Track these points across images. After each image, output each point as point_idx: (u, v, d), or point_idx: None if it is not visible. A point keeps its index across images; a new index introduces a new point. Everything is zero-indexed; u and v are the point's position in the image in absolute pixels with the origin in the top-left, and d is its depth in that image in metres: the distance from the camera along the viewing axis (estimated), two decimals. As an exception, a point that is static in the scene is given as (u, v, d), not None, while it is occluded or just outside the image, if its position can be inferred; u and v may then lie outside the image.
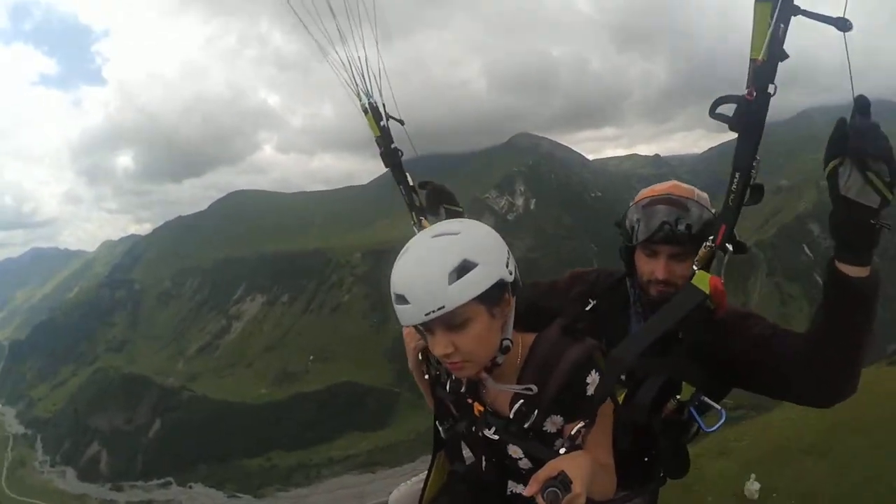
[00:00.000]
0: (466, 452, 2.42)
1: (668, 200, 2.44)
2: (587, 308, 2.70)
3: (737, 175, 1.93)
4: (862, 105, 1.69)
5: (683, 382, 2.30)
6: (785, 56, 1.72)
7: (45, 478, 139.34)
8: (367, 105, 3.00)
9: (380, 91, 2.96)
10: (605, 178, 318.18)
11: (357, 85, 2.95)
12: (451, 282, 1.79)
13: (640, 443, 2.42)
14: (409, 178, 3.03)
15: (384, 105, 3.01)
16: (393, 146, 3.03)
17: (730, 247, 2.06)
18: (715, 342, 2.30)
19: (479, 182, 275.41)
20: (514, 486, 2.25)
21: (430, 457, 2.58)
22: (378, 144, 3.04)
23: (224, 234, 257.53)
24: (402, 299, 1.85)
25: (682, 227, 2.36)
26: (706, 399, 2.27)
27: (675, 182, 2.55)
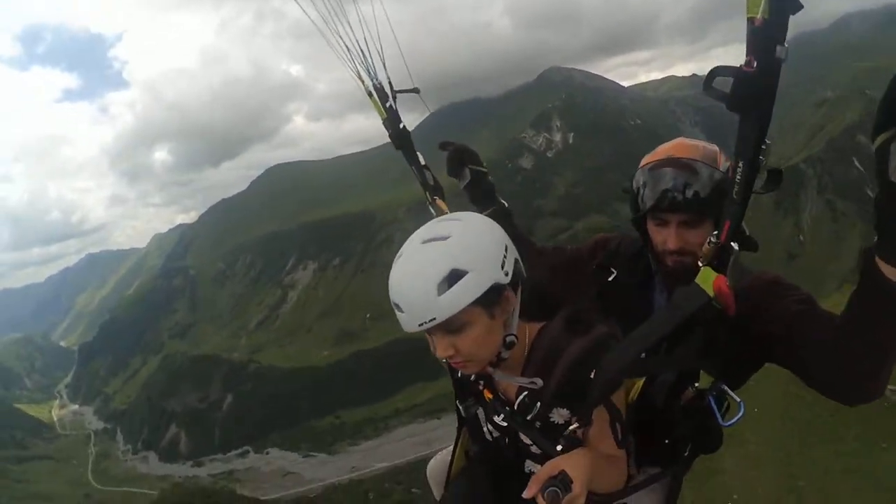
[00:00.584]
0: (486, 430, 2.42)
1: (671, 162, 2.26)
2: (609, 279, 2.56)
3: (740, 164, 1.68)
4: None
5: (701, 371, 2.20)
6: (798, 7, 1.44)
7: (128, 465, 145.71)
8: (371, 87, 2.85)
9: (384, 65, 2.76)
10: (643, 104, 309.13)
11: (358, 67, 2.77)
12: (440, 293, 1.77)
13: (661, 425, 2.32)
14: (421, 158, 2.88)
15: (390, 82, 2.83)
16: (402, 126, 2.88)
17: (735, 245, 1.85)
18: (749, 318, 2.08)
19: (515, 122, 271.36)
20: (531, 466, 2.22)
21: None
22: (385, 127, 2.89)
23: (268, 210, 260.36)
24: (398, 307, 1.86)
25: (689, 193, 2.20)
26: (726, 389, 2.14)
27: (680, 140, 2.35)
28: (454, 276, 1.78)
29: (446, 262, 1.80)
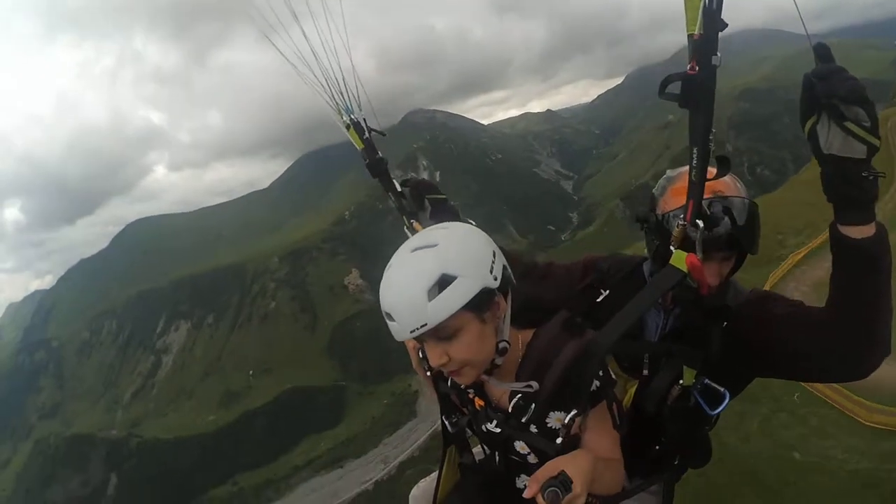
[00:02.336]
0: (478, 448, 2.43)
1: (720, 200, 2.27)
2: (598, 299, 2.61)
3: (695, 150, 1.86)
4: (822, 52, 1.62)
5: (686, 368, 2.26)
6: (723, 26, 1.66)
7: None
8: (349, 121, 3.03)
9: (359, 106, 3.00)
10: (503, 141, 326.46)
11: (338, 104, 2.99)
12: (430, 298, 1.78)
13: (651, 432, 2.42)
14: (397, 185, 3.04)
15: (365, 120, 3.04)
16: (378, 156, 3.04)
17: (700, 223, 1.97)
18: (745, 329, 2.23)
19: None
20: (525, 480, 2.17)
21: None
22: (363, 157, 3.06)
23: (132, 268, 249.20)
24: (389, 316, 1.87)
25: (741, 231, 2.25)
26: (710, 383, 2.24)
27: (726, 179, 2.31)
28: (443, 282, 1.79)
29: (435, 268, 1.81)
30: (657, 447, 2.50)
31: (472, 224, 2.22)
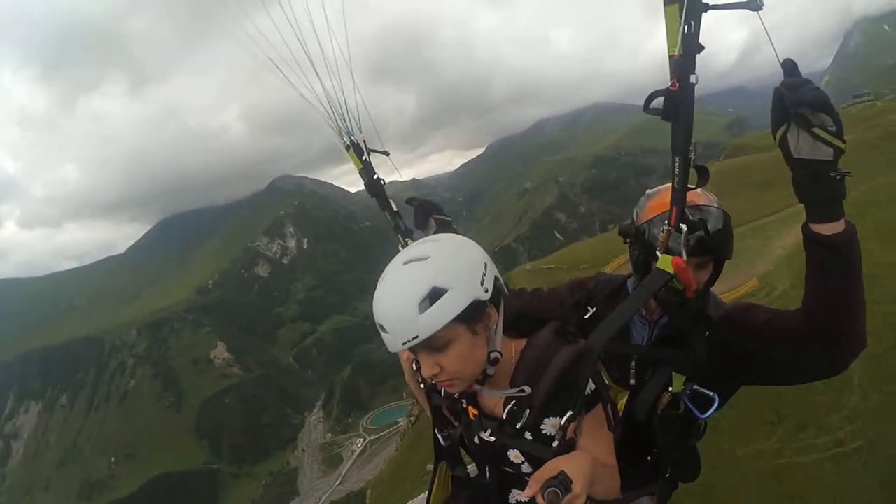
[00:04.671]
0: (471, 467, 2.48)
1: (691, 209, 2.32)
2: (586, 316, 2.68)
3: (676, 159, 1.93)
4: (789, 67, 1.73)
5: (674, 375, 2.32)
6: (700, 49, 1.76)
7: None
8: (349, 143, 3.15)
9: (360, 128, 3.12)
10: (370, 208, 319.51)
11: (339, 126, 3.10)
12: (422, 311, 1.82)
13: (643, 441, 2.52)
14: (393, 205, 3.17)
15: (364, 141, 3.15)
16: (375, 177, 3.16)
17: (684, 227, 2.03)
18: (728, 340, 2.31)
19: (247, 230, 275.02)
20: (517, 495, 2.25)
21: None
22: (361, 176, 3.17)
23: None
24: (382, 328, 1.90)
25: (709, 237, 2.37)
26: (699, 388, 2.31)
27: (699, 192, 2.38)
28: (434, 295, 1.82)
29: (426, 281, 1.84)
30: (649, 458, 2.62)
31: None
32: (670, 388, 2.32)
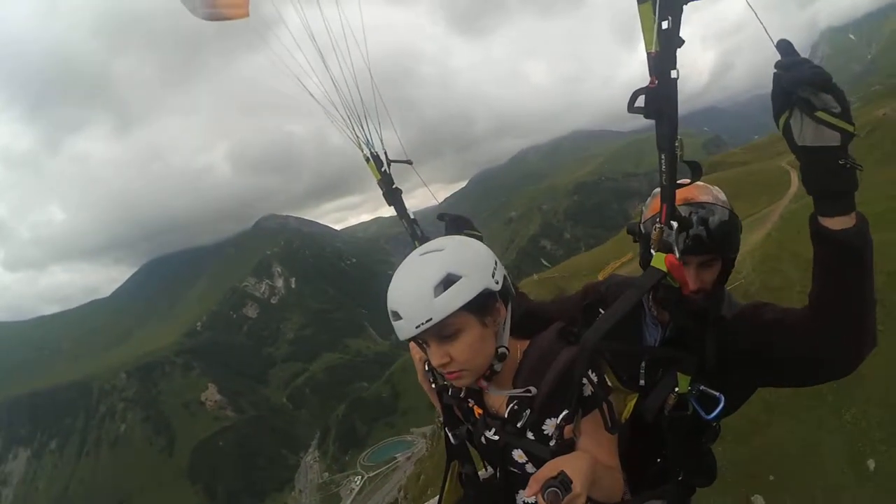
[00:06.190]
0: (482, 472, 2.55)
1: (691, 206, 2.36)
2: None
3: (662, 157, 1.89)
4: (784, 47, 1.64)
5: (680, 375, 2.28)
6: (681, 42, 1.68)
7: None
8: (368, 154, 3.25)
9: (381, 140, 3.23)
10: (357, 245, 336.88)
11: (359, 138, 3.20)
12: (436, 294, 1.92)
13: (653, 445, 2.52)
14: (411, 213, 3.27)
15: (385, 152, 3.26)
16: (394, 186, 3.27)
17: (675, 224, 1.99)
18: (737, 339, 2.29)
19: (234, 271, 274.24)
20: (524, 496, 2.25)
21: None
22: (380, 186, 3.29)
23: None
24: (396, 315, 1.99)
25: (712, 235, 2.33)
26: (706, 389, 2.28)
27: (695, 184, 2.31)
28: (448, 281, 1.93)
29: (442, 267, 1.96)
30: (659, 460, 2.63)
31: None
32: (676, 389, 2.30)
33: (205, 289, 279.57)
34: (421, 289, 1.94)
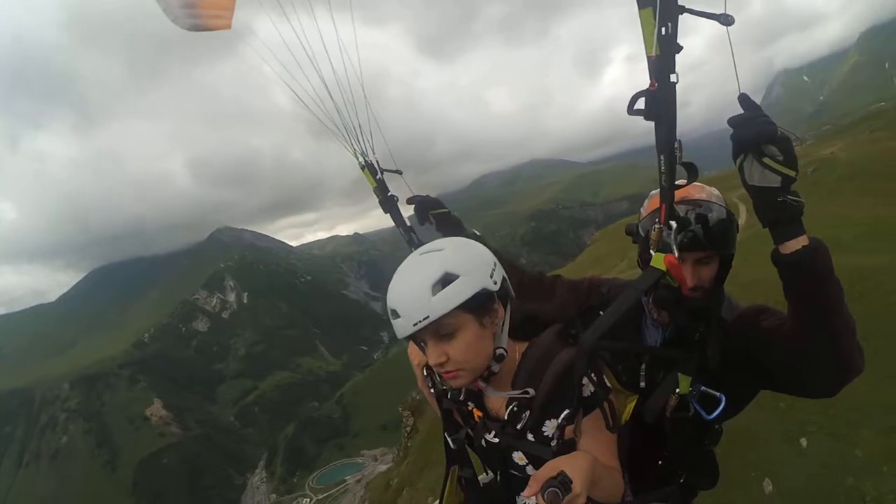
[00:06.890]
0: (482, 476, 2.46)
1: (688, 204, 2.42)
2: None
3: (662, 158, 1.92)
4: (743, 100, 1.80)
5: (681, 376, 2.30)
6: (679, 48, 1.76)
7: None
8: (363, 163, 3.32)
9: (373, 150, 3.31)
10: (312, 262, 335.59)
11: (354, 147, 3.28)
12: (434, 293, 1.93)
13: (654, 447, 2.54)
14: (407, 221, 3.31)
15: (377, 161, 3.34)
16: (389, 194, 3.33)
17: (673, 224, 2.04)
18: (737, 342, 2.33)
19: (185, 283, 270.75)
20: (525, 498, 2.25)
21: None
22: (376, 194, 3.35)
23: None
24: (394, 313, 2.00)
25: (708, 232, 2.38)
26: (706, 389, 2.30)
27: (692, 185, 2.32)
28: (447, 279, 1.94)
29: (440, 267, 1.97)
30: (660, 462, 2.63)
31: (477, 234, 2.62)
32: (677, 390, 2.33)
33: (155, 299, 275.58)
34: (419, 287, 1.95)
